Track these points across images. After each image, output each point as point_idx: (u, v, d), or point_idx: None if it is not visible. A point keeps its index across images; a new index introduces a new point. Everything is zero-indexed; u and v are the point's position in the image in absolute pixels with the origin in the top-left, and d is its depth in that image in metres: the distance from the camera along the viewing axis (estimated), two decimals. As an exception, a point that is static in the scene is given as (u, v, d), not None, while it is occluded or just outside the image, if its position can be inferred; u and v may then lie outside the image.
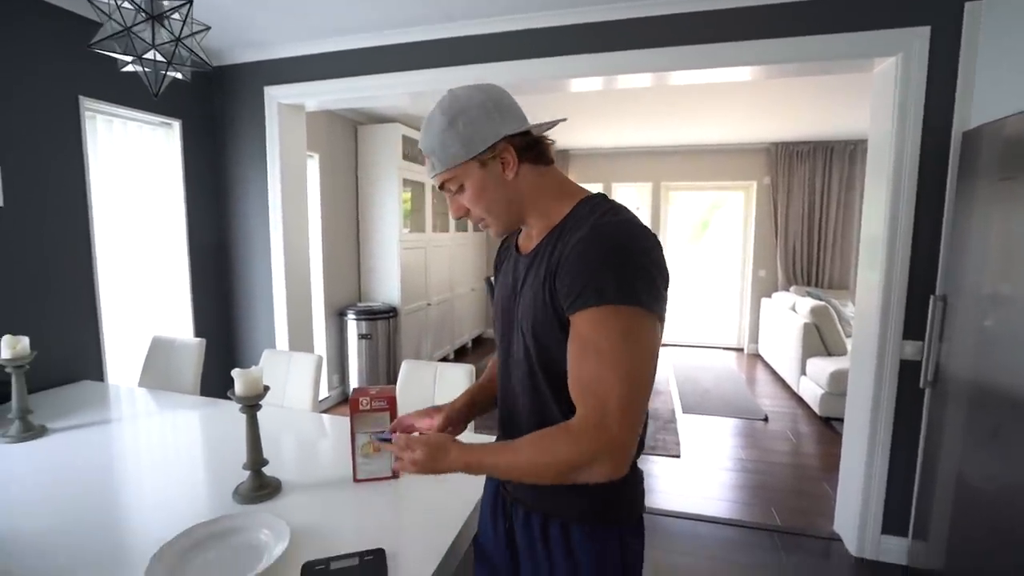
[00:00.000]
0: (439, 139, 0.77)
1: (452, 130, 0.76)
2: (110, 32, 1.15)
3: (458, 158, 0.77)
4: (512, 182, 0.79)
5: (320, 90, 2.56)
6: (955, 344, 1.78)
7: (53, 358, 2.02)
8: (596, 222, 0.72)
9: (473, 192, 0.79)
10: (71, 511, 1.14)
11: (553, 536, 0.82)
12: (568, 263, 0.70)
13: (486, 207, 0.80)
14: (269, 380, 1.92)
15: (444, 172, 0.79)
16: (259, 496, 1.18)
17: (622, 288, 0.66)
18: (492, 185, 0.78)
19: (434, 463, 0.77)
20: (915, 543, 1.98)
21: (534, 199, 0.81)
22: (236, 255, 2.85)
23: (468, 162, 0.77)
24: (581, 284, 0.68)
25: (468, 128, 0.76)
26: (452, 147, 0.76)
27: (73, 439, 1.54)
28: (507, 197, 0.80)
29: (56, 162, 2.05)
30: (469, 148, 0.76)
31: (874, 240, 2.01)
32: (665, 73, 2.14)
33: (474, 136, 0.76)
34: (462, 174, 0.78)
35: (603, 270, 0.67)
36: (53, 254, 2.05)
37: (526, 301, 0.80)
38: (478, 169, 0.77)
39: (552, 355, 0.76)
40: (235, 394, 1.16)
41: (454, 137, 0.76)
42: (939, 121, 1.85)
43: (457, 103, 0.77)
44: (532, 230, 0.85)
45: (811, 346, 3.82)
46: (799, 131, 4.68)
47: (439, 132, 0.77)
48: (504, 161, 0.78)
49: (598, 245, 0.68)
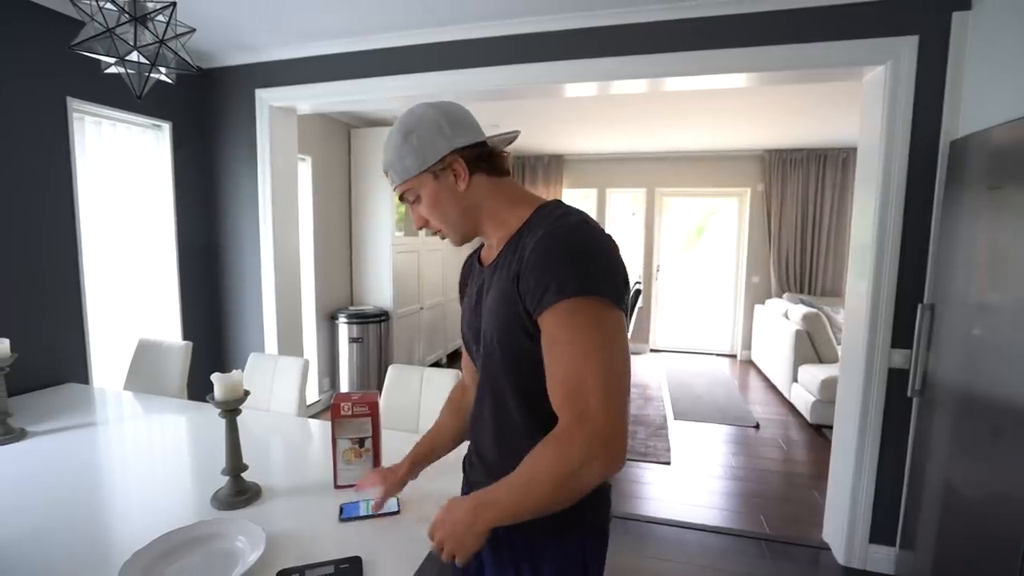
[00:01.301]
0: (395, 153, 0.82)
1: (407, 145, 0.81)
2: (92, 33, 1.15)
3: (411, 170, 0.81)
4: (465, 192, 0.82)
5: (312, 93, 2.56)
6: (942, 353, 1.78)
7: (36, 360, 1.99)
8: (552, 224, 0.74)
9: (428, 202, 0.83)
10: (50, 515, 1.13)
11: (519, 548, 0.82)
12: (529, 264, 0.71)
13: (441, 217, 0.84)
14: (255, 384, 1.91)
15: (401, 184, 0.84)
16: (237, 502, 1.16)
17: (583, 281, 0.67)
18: (446, 196, 0.82)
19: (454, 534, 0.74)
20: (902, 552, 1.97)
21: (490, 209, 0.84)
22: (226, 258, 2.84)
23: (422, 174, 0.81)
24: (545, 282, 0.69)
25: (420, 142, 0.80)
26: (407, 160, 0.81)
27: (54, 442, 1.52)
28: (461, 207, 0.83)
29: (43, 164, 2.04)
30: (422, 161, 0.80)
31: (863, 248, 2.02)
32: (659, 79, 2.14)
33: (426, 150, 0.80)
34: (417, 186, 0.83)
35: (563, 267, 0.68)
36: (38, 256, 2.03)
37: (490, 309, 0.81)
38: (432, 181, 0.82)
39: (517, 363, 0.77)
40: (214, 398, 1.15)
41: (408, 151, 0.81)
42: (927, 130, 1.86)
43: (411, 119, 0.82)
44: (491, 240, 0.87)
45: (803, 353, 3.82)
46: (793, 138, 4.71)
47: (395, 147, 0.82)
48: (456, 172, 0.81)
49: (557, 244, 0.70)
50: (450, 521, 0.74)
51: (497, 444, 0.86)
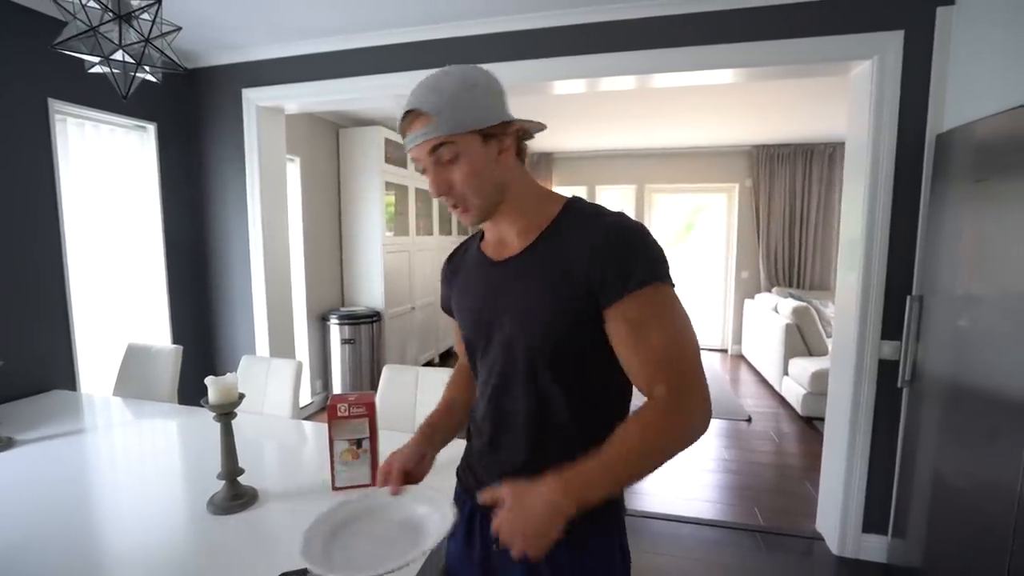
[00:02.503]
0: (450, 100, 0.71)
1: (468, 95, 0.71)
2: (75, 32, 1.12)
3: (465, 124, 0.71)
4: (501, 169, 0.76)
5: (299, 92, 2.53)
6: (931, 343, 1.81)
7: (21, 368, 1.95)
8: (610, 218, 0.75)
9: (469, 167, 0.73)
10: (40, 525, 1.10)
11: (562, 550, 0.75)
12: (603, 256, 0.71)
13: (476, 186, 0.74)
14: (248, 387, 1.88)
15: (443, 136, 0.71)
16: (234, 506, 1.15)
17: (659, 269, 0.72)
18: (486, 165, 0.74)
19: (532, 527, 0.63)
20: (894, 541, 2.00)
21: (516, 195, 0.79)
22: (214, 260, 2.80)
23: (472, 134, 0.72)
24: (626, 272, 0.70)
25: (484, 99, 0.73)
26: (462, 112, 0.71)
27: (42, 450, 1.49)
28: (496, 182, 0.76)
29: (25, 166, 1.99)
30: (480, 118, 0.72)
31: (852, 241, 2.04)
32: (648, 75, 2.15)
33: (489, 108, 0.73)
34: (463, 144, 0.72)
35: (641, 257, 0.71)
36: (22, 261, 1.99)
37: (530, 303, 0.76)
38: (479, 144, 0.73)
39: (566, 351, 0.74)
40: (208, 402, 1.13)
41: (469, 102, 0.71)
42: (914, 124, 1.88)
43: (475, 73, 0.74)
44: (507, 229, 0.81)
45: (793, 347, 3.86)
46: (780, 134, 4.75)
47: (452, 93, 0.71)
48: (503, 145, 0.75)
49: (629, 236, 0.72)
50: (525, 515, 0.64)
51: (534, 448, 0.78)
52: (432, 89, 0.73)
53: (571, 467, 0.67)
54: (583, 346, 0.74)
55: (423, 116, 0.72)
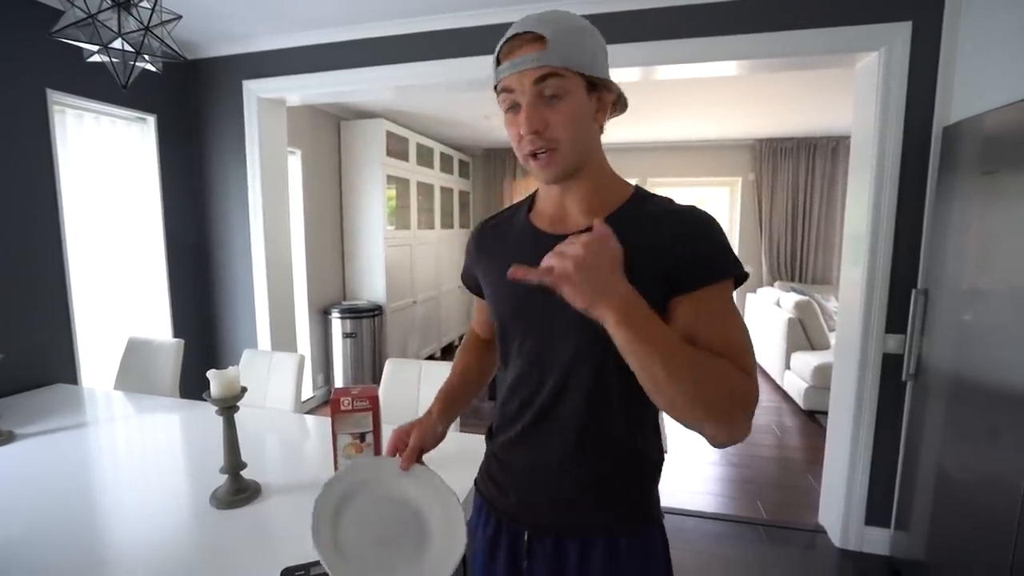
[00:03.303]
0: (567, 34, 0.66)
1: (584, 37, 0.68)
2: (73, 19, 1.10)
3: (580, 64, 0.66)
4: (594, 129, 0.72)
5: (301, 84, 2.51)
6: (936, 337, 1.80)
7: (22, 361, 1.94)
8: (690, 208, 0.73)
9: (571, 110, 0.67)
10: (42, 518, 1.10)
11: (596, 562, 0.74)
12: (687, 242, 0.69)
13: (573, 133, 0.68)
14: (250, 381, 1.88)
15: (561, 68, 0.66)
16: (237, 500, 1.15)
17: (736, 263, 0.70)
18: (584, 116, 0.69)
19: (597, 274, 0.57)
20: (897, 534, 2.01)
21: (600, 163, 0.76)
22: (216, 253, 2.79)
23: (584, 76, 0.67)
24: (709, 261, 0.68)
25: (596, 48, 0.69)
26: (580, 50, 0.67)
27: (43, 444, 1.48)
28: (590, 136, 0.71)
29: (24, 158, 1.97)
30: (593, 65, 0.68)
31: (857, 235, 2.03)
32: (651, 68, 2.13)
33: (599, 59, 0.69)
34: (572, 85, 0.67)
35: (723, 248, 0.70)
36: (22, 253, 1.98)
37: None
38: (583, 92, 0.68)
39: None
40: (211, 396, 1.12)
41: (584, 45, 0.67)
42: (921, 116, 1.86)
43: (588, 24, 0.70)
44: (576, 201, 0.75)
45: (795, 341, 3.86)
46: (783, 127, 4.72)
47: (571, 27, 0.67)
48: (602, 103, 0.71)
49: (712, 228, 0.70)
50: (602, 267, 0.57)
51: (577, 445, 0.74)
52: (547, 20, 0.67)
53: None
54: None
55: (537, 42, 0.66)
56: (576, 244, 0.57)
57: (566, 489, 0.76)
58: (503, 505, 0.82)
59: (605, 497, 0.76)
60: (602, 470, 0.75)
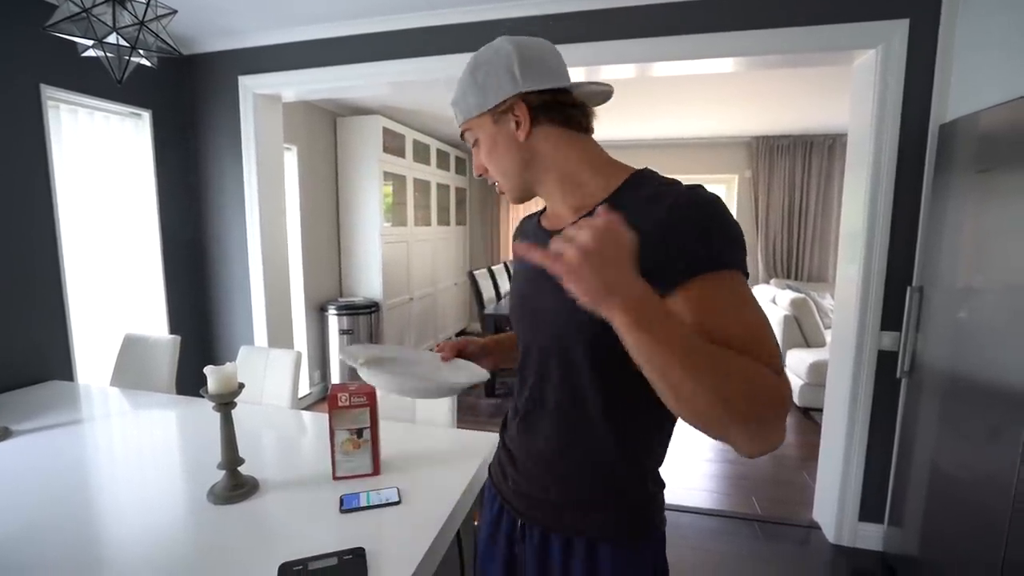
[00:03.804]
0: (461, 88, 0.76)
1: (472, 80, 0.74)
2: (68, 13, 1.10)
3: (472, 110, 0.75)
4: (526, 144, 0.73)
5: (297, 80, 2.49)
6: (930, 335, 1.81)
7: (17, 358, 1.94)
8: (680, 189, 0.64)
9: (485, 148, 0.77)
10: (39, 514, 1.09)
11: (577, 560, 0.74)
12: (677, 228, 0.61)
13: (497, 166, 0.76)
14: (247, 377, 1.87)
15: (461, 123, 0.78)
16: (234, 496, 1.14)
17: (738, 253, 0.62)
18: (503, 143, 0.74)
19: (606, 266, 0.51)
20: (891, 530, 2.02)
21: (561, 167, 0.73)
22: (212, 249, 2.78)
23: (483, 115, 0.74)
24: (697, 250, 0.60)
25: (486, 79, 0.73)
26: (469, 97, 0.75)
27: (40, 441, 1.48)
28: (519, 158, 0.74)
29: (17, 154, 1.96)
30: (483, 100, 0.73)
31: (853, 232, 2.04)
32: (647, 64, 2.12)
33: (489, 88, 0.73)
34: (477, 127, 0.76)
35: (716, 236, 0.61)
36: (15, 250, 1.96)
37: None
38: (491, 124, 0.74)
39: (605, 340, 0.60)
40: (208, 392, 1.12)
41: (472, 88, 0.74)
42: (917, 114, 1.87)
43: (485, 53, 0.75)
44: (558, 204, 0.77)
45: (791, 338, 3.87)
46: (780, 125, 4.73)
47: (462, 81, 0.76)
48: (516, 119, 0.72)
49: (702, 211, 0.62)
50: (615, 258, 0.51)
51: (561, 434, 0.75)
52: (458, 82, 0.78)
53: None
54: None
55: (452, 106, 0.80)
56: (585, 230, 0.51)
57: (550, 484, 0.77)
58: (504, 490, 0.85)
59: (586, 500, 0.74)
60: (583, 472, 0.74)
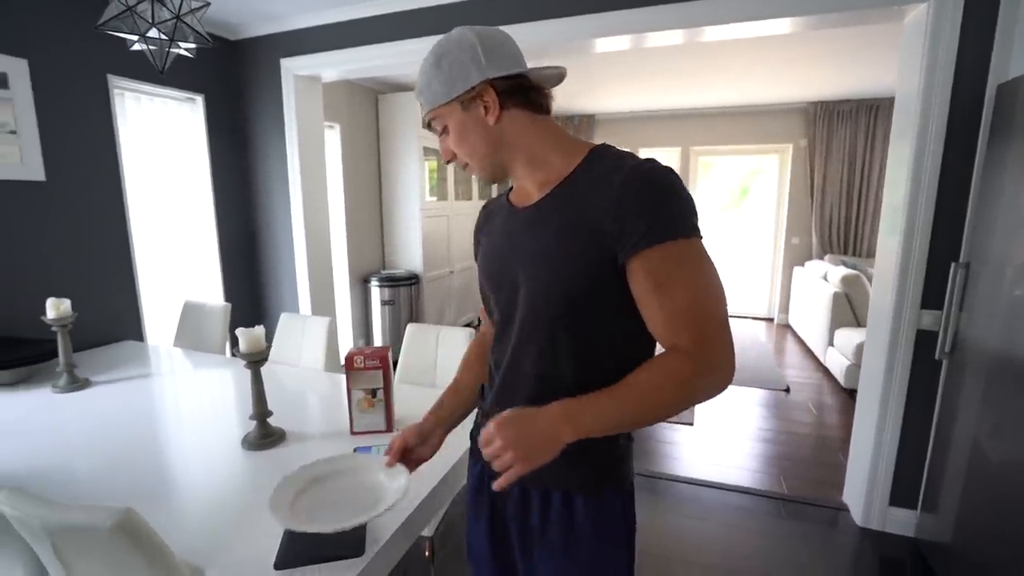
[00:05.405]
0: (425, 78, 0.78)
1: (437, 70, 0.76)
2: (115, 12, 1.22)
3: (439, 98, 0.77)
4: (495, 127, 0.77)
5: (335, 60, 2.59)
6: (977, 314, 1.69)
7: (95, 319, 2.20)
8: (635, 165, 0.70)
9: (455, 134, 0.79)
10: (113, 451, 1.30)
11: (555, 510, 0.80)
12: (623, 204, 0.67)
13: (468, 150, 0.79)
14: (286, 341, 2.05)
15: (428, 112, 0.80)
16: (264, 443, 1.29)
17: (687, 221, 0.68)
18: (473, 128, 0.77)
19: (527, 438, 0.65)
20: (924, 516, 1.95)
21: (526, 148, 0.78)
22: (260, 224, 2.99)
23: (450, 103, 0.77)
24: (647, 222, 0.66)
25: (451, 68, 0.75)
26: (435, 86, 0.77)
27: (113, 391, 1.71)
28: (490, 141, 0.78)
29: (90, 138, 2.19)
30: (450, 89, 0.76)
31: (895, 204, 1.91)
32: (697, 29, 2.03)
33: (455, 77, 0.75)
34: (445, 115, 0.78)
35: (667, 207, 0.67)
36: (91, 224, 2.22)
37: (544, 254, 0.74)
38: (460, 111, 0.77)
39: (578, 305, 0.72)
40: (240, 351, 1.26)
41: (438, 77, 0.76)
42: (973, 73, 1.71)
43: (446, 43, 0.77)
44: (526, 182, 0.81)
45: (840, 316, 3.69)
46: (841, 88, 4.38)
47: (426, 72, 0.78)
48: (485, 104, 0.75)
49: (652, 184, 0.68)
50: (525, 427, 0.65)
51: (536, 402, 0.77)
52: (420, 73, 0.80)
53: (581, 398, 0.67)
54: (595, 304, 0.72)
55: (416, 96, 0.82)
56: (491, 437, 0.65)
57: None
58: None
59: (561, 459, 0.75)
60: None
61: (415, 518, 1.03)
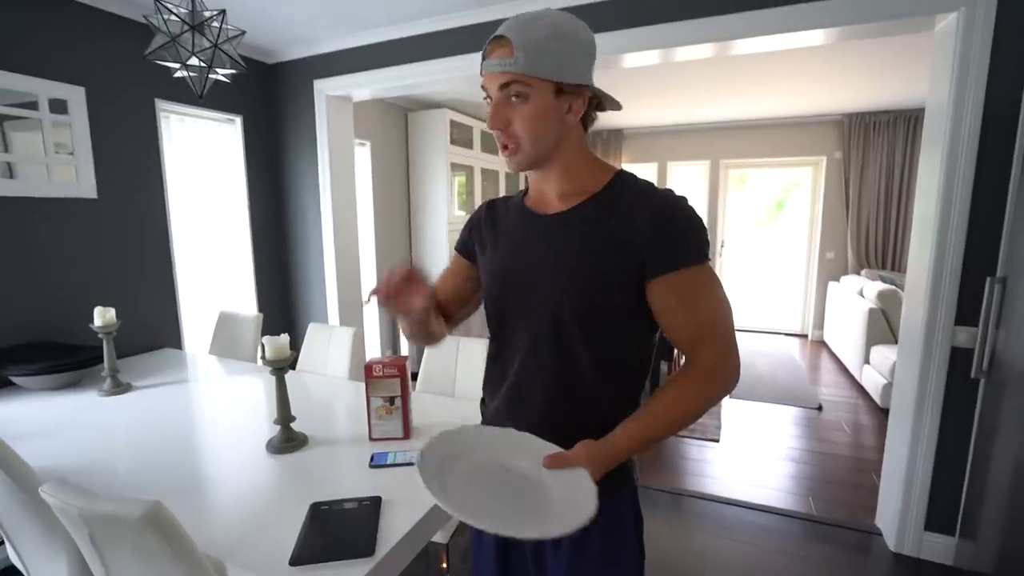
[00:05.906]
0: (539, 41, 0.72)
1: (557, 44, 0.72)
2: (160, 43, 1.33)
3: (544, 71, 0.72)
4: (564, 127, 0.78)
5: (365, 80, 2.70)
6: (1016, 331, 1.62)
7: (138, 328, 2.34)
8: (666, 194, 0.79)
9: (533, 112, 0.74)
10: (152, 449, 1.40)
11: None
12: (656, 231, 0.75)
13: (535, 134, 0.76)
14: (313, 350, 2.13)
15: (523, 75, 0.72)
16: (287, 447, 1.35)
17: (704, 251, 0.78)
18: (553, 117, 0.76)
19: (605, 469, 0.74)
20: (962, 542, 1.85)
21: (571, 155, 0.81)
22: (293, 239, 3.11)
23: (549, 82, 0.73)
24: (682, 247, 0.75)
25: (571, 53, 0.74)
26: (547, 58, 0.72)
27: (153, 395, 1.81)
28: (555, 136, 0.78)
29: (138, 158, 2.35)
30: (562, 72, 0.73)
31: (926, 216, 1.86)
32: (727, 43, 2.03)
33: (571, 64, 0.74)
34: (536, 89, 0.73)
35: (693, 238, 0.76)
36: (137, 239, 2.37)
37: (568, 263, 0.79)
38: (551, 95, 0.74)
39: (599, 315, 0.78)
40: (265, 358, 1.32)
41: (556, 51, 0.72)
42: (1007, 80, 1.66)
43: (573, 25, 0.74)
44: (550, 187, 0.84)
45: (876, 333, 3.55)
46: (877, 100, 4.27)
47: (544, 36, 0.72)
48: (574, 106, 0.77)
49: (685, 214, 0.77)
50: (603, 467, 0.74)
51: (555, 408, 0.82)
52: (524, 25, 0.73)
53: (605, 441, 0.75)
54: (616, 311, 0.78)
55: (508, 47, 0.72)
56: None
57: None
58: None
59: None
60: (572, 435, 0.79)
61: (426, 523, 1.05)
